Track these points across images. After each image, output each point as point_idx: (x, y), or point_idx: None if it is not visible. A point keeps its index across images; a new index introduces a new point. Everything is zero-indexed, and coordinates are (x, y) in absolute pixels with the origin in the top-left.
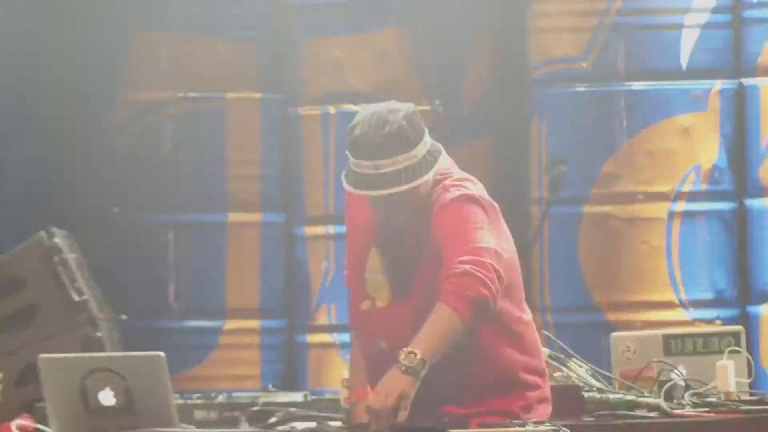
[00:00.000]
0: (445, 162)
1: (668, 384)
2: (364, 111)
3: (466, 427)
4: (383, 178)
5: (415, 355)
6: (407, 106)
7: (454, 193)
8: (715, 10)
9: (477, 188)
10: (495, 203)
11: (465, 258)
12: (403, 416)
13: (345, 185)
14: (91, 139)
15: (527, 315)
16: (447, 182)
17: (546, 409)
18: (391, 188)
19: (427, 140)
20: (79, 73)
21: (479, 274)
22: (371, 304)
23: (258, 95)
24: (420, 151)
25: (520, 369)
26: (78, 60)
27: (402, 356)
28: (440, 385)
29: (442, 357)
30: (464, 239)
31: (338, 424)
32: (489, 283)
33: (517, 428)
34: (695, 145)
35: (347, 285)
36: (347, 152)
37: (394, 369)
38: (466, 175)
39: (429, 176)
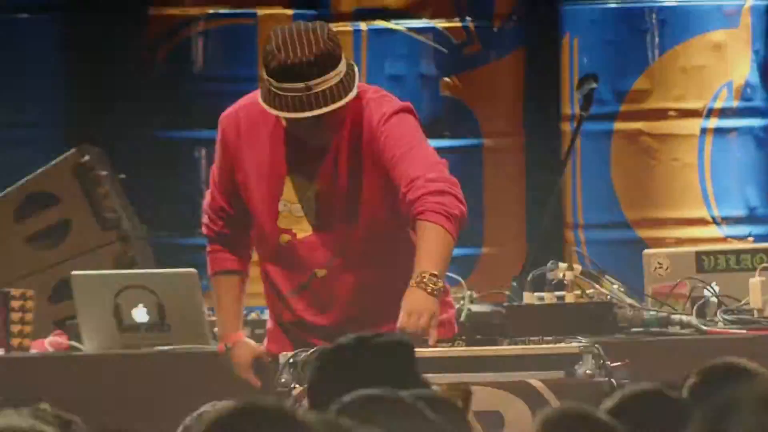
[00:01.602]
0: None
1: (701, 301)
2: (278, 34)
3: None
4: (316, 98)
5: (437, 277)
6: (319, 23)
7: (390, 105)
8: None
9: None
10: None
11: (432, 176)
12: (434, 336)
13: (271, 111)
14: (122, 57)
15: None
16: (369, 95)
17: None
18: (325, 107)
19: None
20: None
21: (454, 191)
22: (290, 236)
23: (289, 12)
24: (343, 66)
25: None
26: None
27: (425, 279)
28: (382, 305)
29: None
30: (420, 155)
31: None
32: (462, 198)
33: (551, 345)
34: (727, 62)
35: (215, 231)
36: (269, 78)
37: (417, 291)
38: (374, 86)
39: (355, 90)
